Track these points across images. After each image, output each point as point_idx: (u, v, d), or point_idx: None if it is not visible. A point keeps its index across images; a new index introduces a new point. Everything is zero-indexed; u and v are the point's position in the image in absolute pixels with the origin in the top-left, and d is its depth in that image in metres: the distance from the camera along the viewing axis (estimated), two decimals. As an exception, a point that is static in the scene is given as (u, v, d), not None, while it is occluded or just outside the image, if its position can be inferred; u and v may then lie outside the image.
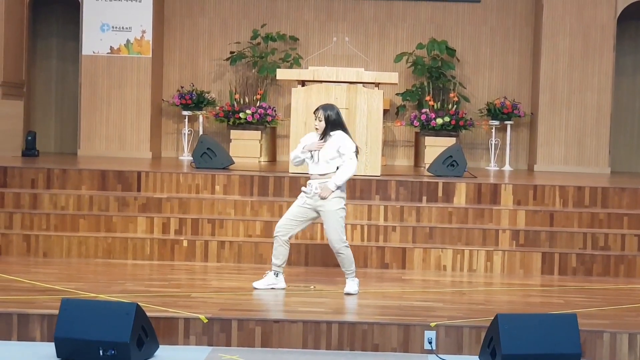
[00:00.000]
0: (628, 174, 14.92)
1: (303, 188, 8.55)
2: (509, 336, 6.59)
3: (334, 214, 8.39)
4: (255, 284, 8.60)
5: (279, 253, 8.52)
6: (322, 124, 8.38)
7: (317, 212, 8.47)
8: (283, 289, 8.57)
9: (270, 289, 8.54)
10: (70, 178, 11.20)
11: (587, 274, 10.09)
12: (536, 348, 6.63)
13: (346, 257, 8.45)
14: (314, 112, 8.48)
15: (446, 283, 9.41)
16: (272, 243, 8.54)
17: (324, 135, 8.38)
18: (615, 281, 9.83)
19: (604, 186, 11.17)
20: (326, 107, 8.45)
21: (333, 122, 8.39)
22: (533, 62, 15.82)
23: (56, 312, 6.88)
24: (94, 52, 15.30)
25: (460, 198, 11.06)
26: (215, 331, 7.26)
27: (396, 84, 12.63)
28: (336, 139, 8.37)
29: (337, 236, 8.40)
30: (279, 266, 8.56)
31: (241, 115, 15.04)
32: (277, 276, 8.58)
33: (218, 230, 10.45)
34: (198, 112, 15.57)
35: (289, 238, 8.54)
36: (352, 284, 8.48)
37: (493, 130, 15.42)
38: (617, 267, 10.09)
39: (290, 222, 8.51)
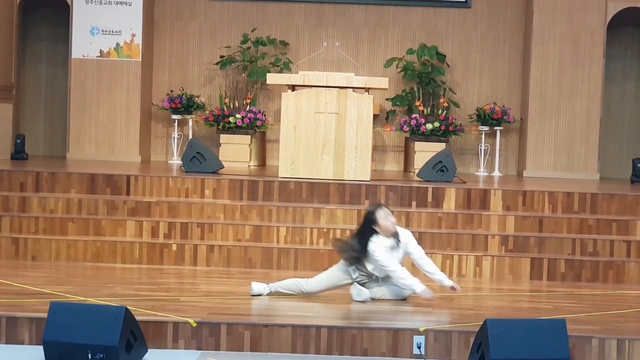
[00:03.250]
0: (617, 180, 14.94)
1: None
2: (498, 341, 6.59)
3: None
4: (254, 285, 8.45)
5: (289, 290, 8.43)
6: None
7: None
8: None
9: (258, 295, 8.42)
10: (59, 181, 11.18)
11: (575, 279, 10.11)
12: (525, 353, 6.63)
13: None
14: (385, 212, 8.39)
15: (435, 288, 9.41)
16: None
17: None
18: (604, 287, 9.84)
19: (593, 192, 11.19)
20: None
21: None
22: (523, 68, 15.85)
23: (45, 315, 6.85)
24: (83, 56, 15.27)
25: (450, 203, 11.07)
26: (204, 335, 7.24)
27: (386, 89, 12.66)
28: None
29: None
30: (276, 288, 8.43)
31: (231, 119, 15.03)
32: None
33: (207, 235, 10.44)
34: (188, 116, 15.54)
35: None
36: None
37: (483, 136, 15.44)
38: (605, 273, 10.11)
39: (325, 288, 8.44)
